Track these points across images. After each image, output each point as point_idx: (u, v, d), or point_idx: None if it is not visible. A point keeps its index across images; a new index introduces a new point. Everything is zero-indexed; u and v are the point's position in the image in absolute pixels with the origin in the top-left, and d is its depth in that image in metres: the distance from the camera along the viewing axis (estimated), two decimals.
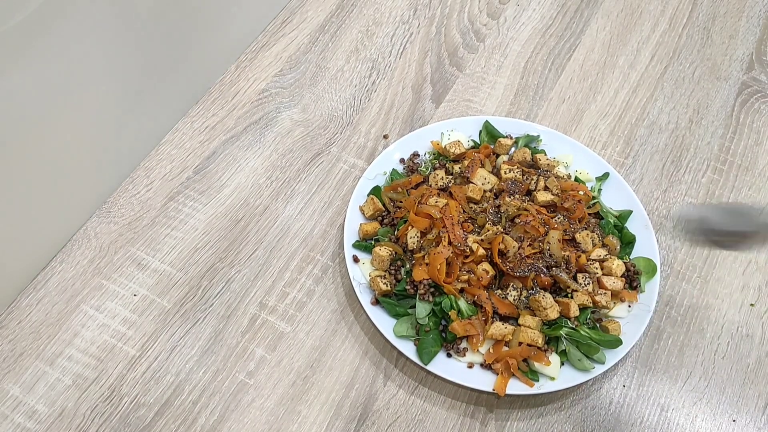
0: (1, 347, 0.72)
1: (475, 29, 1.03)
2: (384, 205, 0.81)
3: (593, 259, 0.77)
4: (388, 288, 0.74)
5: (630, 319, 0.75)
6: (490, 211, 0.79)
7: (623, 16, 1.05)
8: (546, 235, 0.76)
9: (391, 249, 0.76)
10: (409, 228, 0.77)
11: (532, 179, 0.81)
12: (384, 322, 0.73)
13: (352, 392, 0.72)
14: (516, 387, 0.70)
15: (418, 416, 0.71)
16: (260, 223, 0.82)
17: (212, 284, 0.78)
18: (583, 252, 0.76)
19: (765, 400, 0.74)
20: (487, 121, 0.88)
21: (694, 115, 0.95)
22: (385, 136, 0.90)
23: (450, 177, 0.82)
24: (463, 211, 0.78)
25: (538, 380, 0.71)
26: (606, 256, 0.77)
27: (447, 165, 0.84)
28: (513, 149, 0.86)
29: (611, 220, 0.81)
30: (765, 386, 0.75)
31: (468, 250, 0.75)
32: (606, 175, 0.84)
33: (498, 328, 0.71)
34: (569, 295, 0.74)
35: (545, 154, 0.86)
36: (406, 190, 0.81)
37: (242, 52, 0.97)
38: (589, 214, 0.81)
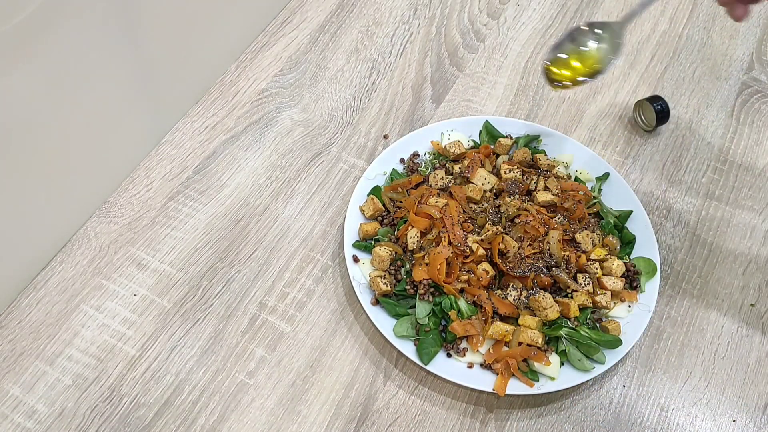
0: (1, 347, 0.72)
1: (476, 29, 1.03)
2: (384, 205, 0.81)
3: (593, 259, 0.77)
4: (388, 288, 0.74)
5: (630, 319, 0.75)
6: (490, 211, 0.79)
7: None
8: (546, 235, 0.76)
9: (391, 249, 0.76)
10: (409, 228, 0.77)
11: (532, 179, 0.81)
12: (384, 322, 0.73)
13: (352, 392, 0.72)
14: (516, 387, 0.70)
15: (418, 416, 0.71)
16: (260, 223, 0.82)
17: (212, 284, 0.78)
18: (583, 252, 0.76)
19: (765, 400, 0.74)
20: (487, 121, 0.88)
21: (694, 115, 0.95)
22: (385, 136, 0.90)
23: (450, 177, 0.82)
24: (463, 211, 0.78)
25: (538, 380, 0.71)
26: (606, 256, 0.77)
27: (447, 165, 0.84)
28: (513, 149, 0.86)
29: (611, 220, 0.81)
30: (765, 386, 0.75)
31: (468, 250, 0.75)
32: (606, 175, 0.84)
33: (498, 328, 0.71)
34: (569, 295, 0.74)
35: (545, 154, 0.86)
36: (406, 190, 0.81)
37: (242, 52, 0.97)
38: (589, 214, 0.81)
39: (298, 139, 0.90)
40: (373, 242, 0.79)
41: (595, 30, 0.72)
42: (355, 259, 0.77)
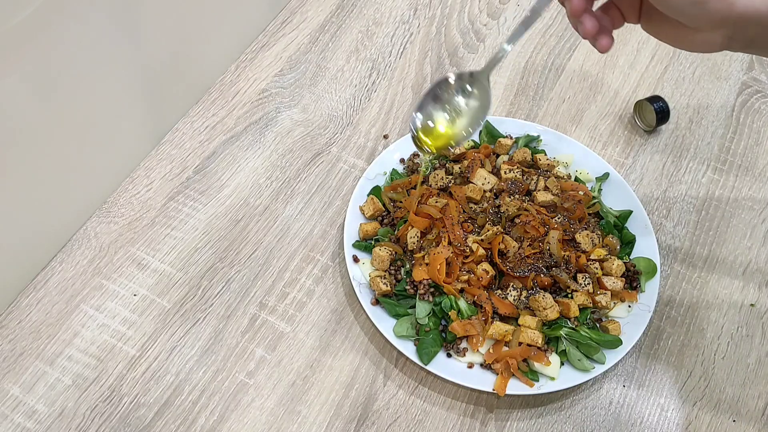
0: (1, 347, 0.72)
1: (475, 29, 1.03)
2: (384, 205, 0.81)
3: (593, 259, 0.77)
4: (388, 288, 0.74)
5: (630, 319, 0.75)
6: (490, 211, 0.79)
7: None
8: (546, 235, 0.76)
9: (391, 249, 0.76)
10: (409, 228, 0.77)
11: (532, 179, 0.81)
12: (384, 322, 0.73)
13: (352, 392, 0.72)
14: (516, 387, 0.70)
15: (418, 416, 0.71)
16: (260, 223, 0.82)
17: (212, 284, 0.78)
18: (583, 252, 0.76)
19: (765, 400, 0.74)
20: (487, 121, 0.88)
21: (694, 115, 0.95)
22: (385, 136, 0.90)
23: (450, 177, 0.82)
24: (463, 211, 0.78)
25: (538, 380, 0.71)
26: (606, 256, 0.77)
27: (447, 165, 0.84)
28: (513, 149, 0.86)
29: (611, 220, 0.81)
30: (765, 386, 0.75)
31: (468, 250, 0.75)
32: (606, 175, 0.84)
33: (498, 328, 0.71)
34: (569, 295, 0.74)
35: (545, 154, 0.86)
36: (406, 190, 0.81)
37: (242, 52, 0.97)
38: (589, 214, 0.81)
39: (298, 139, 0.90)
40: (373, 242, 0.79)
41: (465, 87, 0.65)
42: (355, 259, 0.77)
